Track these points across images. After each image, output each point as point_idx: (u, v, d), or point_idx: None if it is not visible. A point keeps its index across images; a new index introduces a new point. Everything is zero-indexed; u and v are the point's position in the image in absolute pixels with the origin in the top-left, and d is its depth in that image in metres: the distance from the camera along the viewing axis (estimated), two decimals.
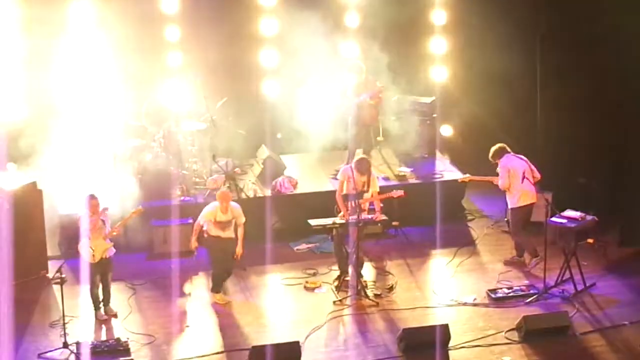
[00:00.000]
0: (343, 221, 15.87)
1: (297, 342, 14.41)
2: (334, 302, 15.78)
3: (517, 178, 16.34)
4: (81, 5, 18.01)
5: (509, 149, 16.51)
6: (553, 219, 15.97)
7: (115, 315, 15.41)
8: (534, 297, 15.72)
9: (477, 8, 18.95)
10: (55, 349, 14.46)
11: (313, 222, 15.97)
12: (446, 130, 19.93)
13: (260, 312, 15.60)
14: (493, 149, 16.53)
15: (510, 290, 15.92)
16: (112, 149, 17.92)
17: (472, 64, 19.32)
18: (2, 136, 17.40)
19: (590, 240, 16.67)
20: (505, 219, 17.69)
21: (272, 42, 19.24)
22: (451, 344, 14.52)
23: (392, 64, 18.77)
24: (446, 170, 18.84)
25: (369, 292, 15.88)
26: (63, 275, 14.45)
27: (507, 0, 18.76)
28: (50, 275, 16.19)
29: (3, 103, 18.05)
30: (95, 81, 18.22)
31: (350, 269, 16.06)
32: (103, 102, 18.19)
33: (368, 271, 16.56)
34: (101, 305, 15.33)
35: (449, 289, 16.16)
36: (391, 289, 16.14)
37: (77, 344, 14.44)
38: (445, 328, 14.55)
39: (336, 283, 16.15)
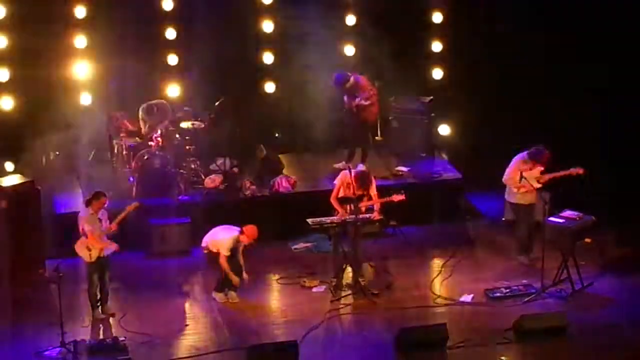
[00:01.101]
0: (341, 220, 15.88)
1: (295, 341, 14.41)
2: (332, 301, 15.78)
3: None
4: (80, 3, 18.04)
5: None
6: (551, 218, 15.97)
7: (113, 315, 15.39)
8: (532, 296, 15.72)
9: (475, 7, 18.94)
10: (53, 348, 14.45)
11: (311, 221, 15.98)
12: (444, 130, 19.90)
13: (257, 311, 15.59)
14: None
15: (507, 290, 15.90)
16: (110, 148, 17.90)
17: (470, 63, 19.29)
18: None
19: (587, 240, 16.69)
20: (503, 219, 17.71)
21: (270, 40, 19.22)
22: (449, 343, 14.51)
23: (390, 63, 18.74)
24: (444, 170, 18.84)
25: (367, 291, 15.88)
26: (60, 275, 14.44)
27: None
28: (47, 274, 16.17)
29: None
30: (94, 79, 18.24)
31: (348, 268, 16.07)
32: (102, 100, 18.19)
33: (366, 270, 16.55)
34: (99, 304, 15.33)
35: (446, 288, 16.16)
36: (389, 288, 16.14)
37: (75, 343, 14.42)
38: (442, 327, 14.57)
39: (334, 282, 16.15)
